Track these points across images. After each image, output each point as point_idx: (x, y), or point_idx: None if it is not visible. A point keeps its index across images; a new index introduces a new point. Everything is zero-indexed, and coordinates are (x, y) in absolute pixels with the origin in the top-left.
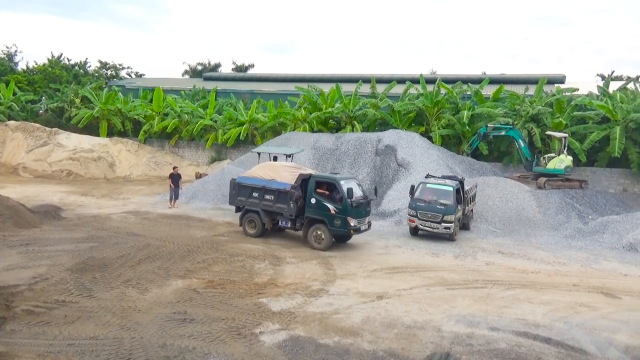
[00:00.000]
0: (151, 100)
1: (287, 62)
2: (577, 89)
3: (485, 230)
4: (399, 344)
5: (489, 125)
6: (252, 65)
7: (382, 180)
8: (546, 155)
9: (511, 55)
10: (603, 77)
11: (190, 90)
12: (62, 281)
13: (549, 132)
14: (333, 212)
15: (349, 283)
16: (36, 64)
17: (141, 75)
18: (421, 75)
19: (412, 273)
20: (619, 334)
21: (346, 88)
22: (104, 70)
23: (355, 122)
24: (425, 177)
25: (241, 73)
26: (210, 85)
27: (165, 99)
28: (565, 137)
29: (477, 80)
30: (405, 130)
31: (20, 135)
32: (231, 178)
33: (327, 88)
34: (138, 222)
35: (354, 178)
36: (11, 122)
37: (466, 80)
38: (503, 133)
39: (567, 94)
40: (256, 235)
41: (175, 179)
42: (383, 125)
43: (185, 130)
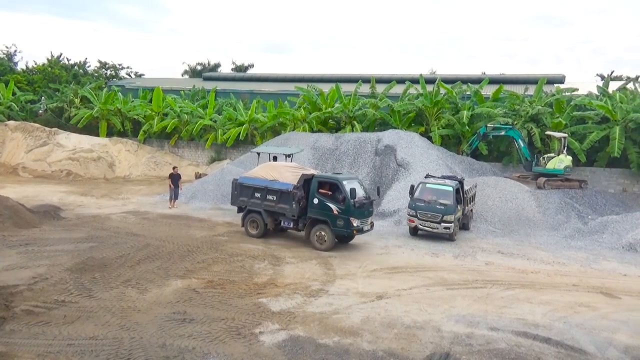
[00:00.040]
0: (151, 100)
1: (287, 62)
2: (577, 89)
3: (485, 230)
4: (398, 344)
5: (488, 125)
6: (251, 65)
7: (381, 180)
8: (546, 155)
9: (510, 56)
10: (602, 77)
11: (189, 90)
12: (62, 281)
13: (548, 132)
14: (336, 212)
15: (349, 283)
16: (36, 63)
17: (141, 75)
18: (421, 75)
19: (412, 273)
20: (618, 334)
21: (346, 88)
22: (103, 70)
23: (355, 122)
24: (425, 177)
25: (241, 73)
26: (209, 85)
27: (165, 99)
28: (564, 137)
29: (477, 80)
30: (405, 130)
31: (20, 135)
32: (233, 178)
33: (326, 88)
34: (137, 222)
35: (356, 178)
36: (11, 122)
37: (466, 80)
38: (503, 133)
39: (567, 94)
40: (258, 235)
41: (175, 179)
42: (383, 125)
43: (184, 130)
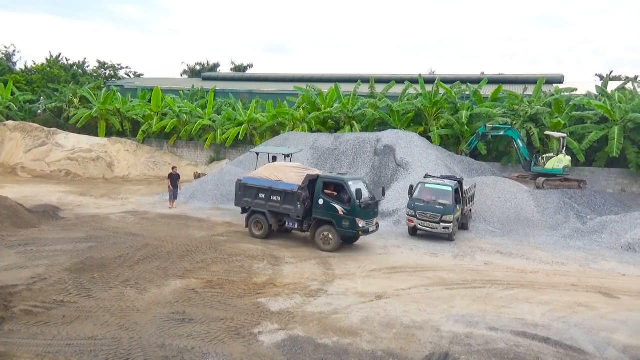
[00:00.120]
0: (150, 100)
1: (286, 62)
2: (576, 89)
3: (484, 230)
4: (397, 344)
5: (487, 125)
6: (250, 65)
7: (381, 180)
8: (545, 155)
9: (510, 56)
10: (602, 77)
11: (189, 90)
12: (61, 281)
13: (547, 132)
14: (341, 213)
15: (348, 283)
16: (34, 63)
17: (140, 75)
18: (420, 75)
19: (411, 273)
20: (617, 334)
21: (345, 88)
22: (102, 70)
23: (354, 122)
24: (424, 177)
25: (240, 73)
26: (209, 85)
27: (164, 99)
28: (563, 137)
29: (476, 80)
30: (404, 130)
31: (19, 135)
32: (237, 179)
33: (325, 88)
34: (137, 222)
35: (361, 179)
36: (9, 122)
37: (465, 80)
38: (502, 133)
39: (566, 94)
40: (263, 236)
41: (174, 179)
42: (382, 125)
43: (184, 130)
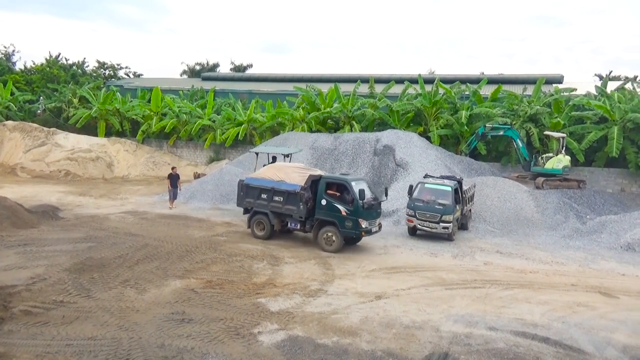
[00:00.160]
0: (149, 100)
1: (286, 62)
2: (575, 89)
3: (484, 230)
4: (397, 344)
5: (487, 125)
6: (250, 65)
7: (380, 180)
8: (544, 155)
9: (509, 56)
10: (601, 77)
11: (188, 90)
12: (60, 281)
13: (547, 132)
14: (344, 213)
15: (348, 283)
16: (34, 63)
17: (139, 75)
18: (419, 75)
19: (411, 273)
20: (616, 334)
21: (344, 88)
22: (102, 70)
23: (354, 122)
24: (424, 177)
25: (239, 73)
26: (208, 85)
27: (164, 99)
28: (563, 137)
29: (476, 80)
30: (404, 130)
31: (18, 135)
32: (239, 179)
33: (325, 88)
34: (136, 222)
35: (363, 179)
36: (9, 122)
37: (464, 80)
38: (501, 133)
39: (565, 94)
40: (265, 237)
41: (174, 180)
42: (381, 125)
43: (183, 130)
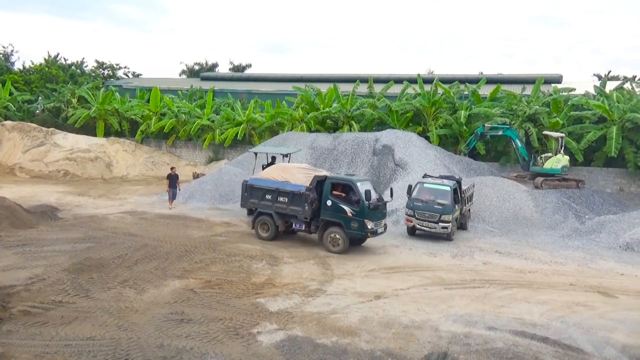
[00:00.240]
0: (148, 100)
1: (285, 62)
2: (574, 89)
3: (483, 230)
4: (396, 344)
5: (486, 125)
6: (249, 65)
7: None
8: (543, 155)
9: (508, 55)
10: (600, 77)
11: (187, 90)
12: (59, 282)
13: (546, 132)
14: (350, 214)
15: (347, 283)
16: (33, 63)
17: (138, 75)
18: (419, 75)
19: (410, 273)
20: (615, 333)
21: (344, 88)
22: (101, 70)
23: (353, 122)
24: (423, 177)
25: (239, 73)
26: (207, 85)
27: (163, 99)
28: (562, 137)
29: (475, 80)
30: (403, 130)
31: (17, 136)
32: (243, 180)
33: (324, 88)
34: (135, 222)
35: (368, 180)
36: (8, 122)
37: (463, 80)
38: (500, 133)
39: (564, 93)
40: (269, 238)
41: (173, 180)
42: (380, 125)
43: (182, 130)
